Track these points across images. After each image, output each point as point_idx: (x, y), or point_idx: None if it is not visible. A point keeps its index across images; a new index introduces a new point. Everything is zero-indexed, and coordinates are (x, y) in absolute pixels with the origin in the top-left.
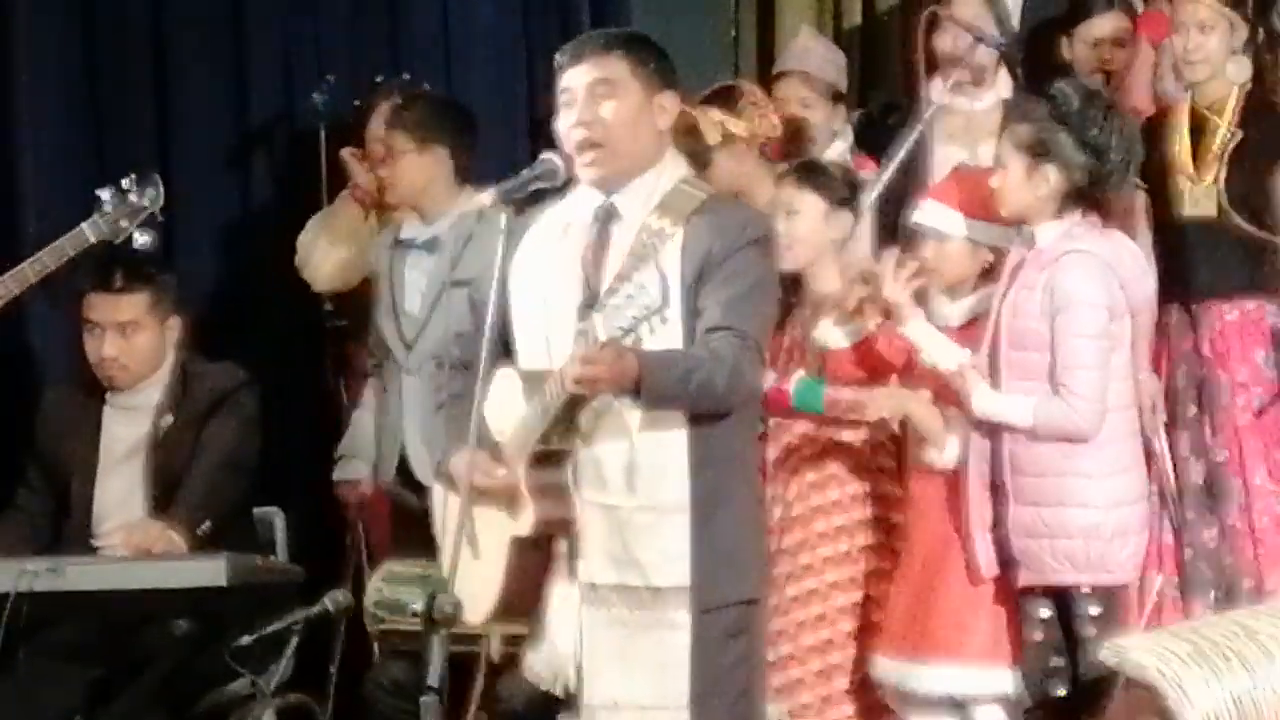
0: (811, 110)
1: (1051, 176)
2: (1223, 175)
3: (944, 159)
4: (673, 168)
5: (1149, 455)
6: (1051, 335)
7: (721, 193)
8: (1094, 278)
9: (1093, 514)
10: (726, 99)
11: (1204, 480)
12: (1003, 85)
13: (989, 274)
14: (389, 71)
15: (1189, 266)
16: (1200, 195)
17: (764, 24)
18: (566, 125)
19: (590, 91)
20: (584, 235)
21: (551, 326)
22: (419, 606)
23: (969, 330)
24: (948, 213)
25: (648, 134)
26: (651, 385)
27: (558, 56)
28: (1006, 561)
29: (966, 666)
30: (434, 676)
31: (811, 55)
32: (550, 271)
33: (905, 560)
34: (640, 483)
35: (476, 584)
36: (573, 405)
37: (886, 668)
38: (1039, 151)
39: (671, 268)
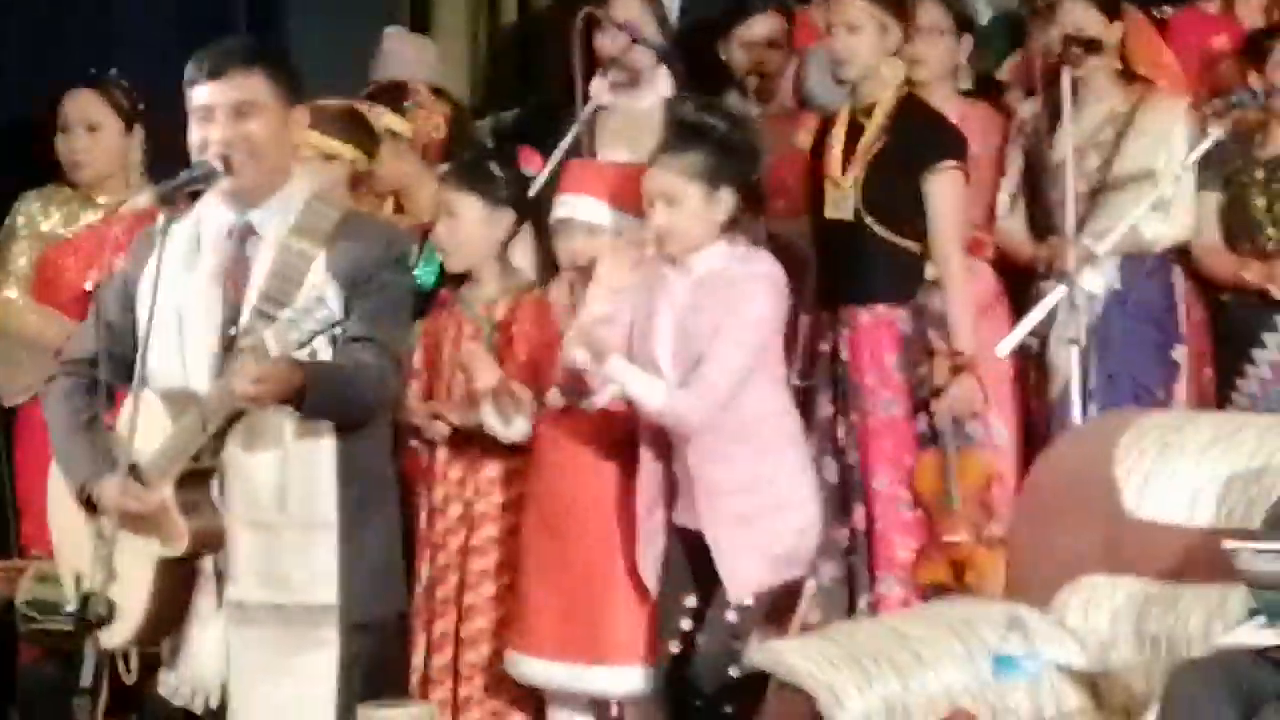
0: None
1: (728, 200)
2: (864, 178)
3: (607, 159)
4: (304, 183)
5: None
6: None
7: (354, 209)
8: (771, 302)
9: (797, 514)
10: (393, 97)
11: (837, 481)
12: (663, 85)
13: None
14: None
15: (832, 269)
16: (842, 198)
17: (420, 25)
18: (204, 140)
19: (234, 110)
20: (215, 254)
21: (186, 346)
22: (72, 607)
23: None
24: (597, 205)
25: (283, 151)
26: (315, 397)
27: (190, 70)
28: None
29: (622, 667)
30: (86, 678)
31: (402, 59)
32: (182, 291)
33: (548, 553)
34: (290, 499)
35: (125, 603)
36: (227, 422)
37: (536, 668)
38: (714, 178)
39: (321, 285)
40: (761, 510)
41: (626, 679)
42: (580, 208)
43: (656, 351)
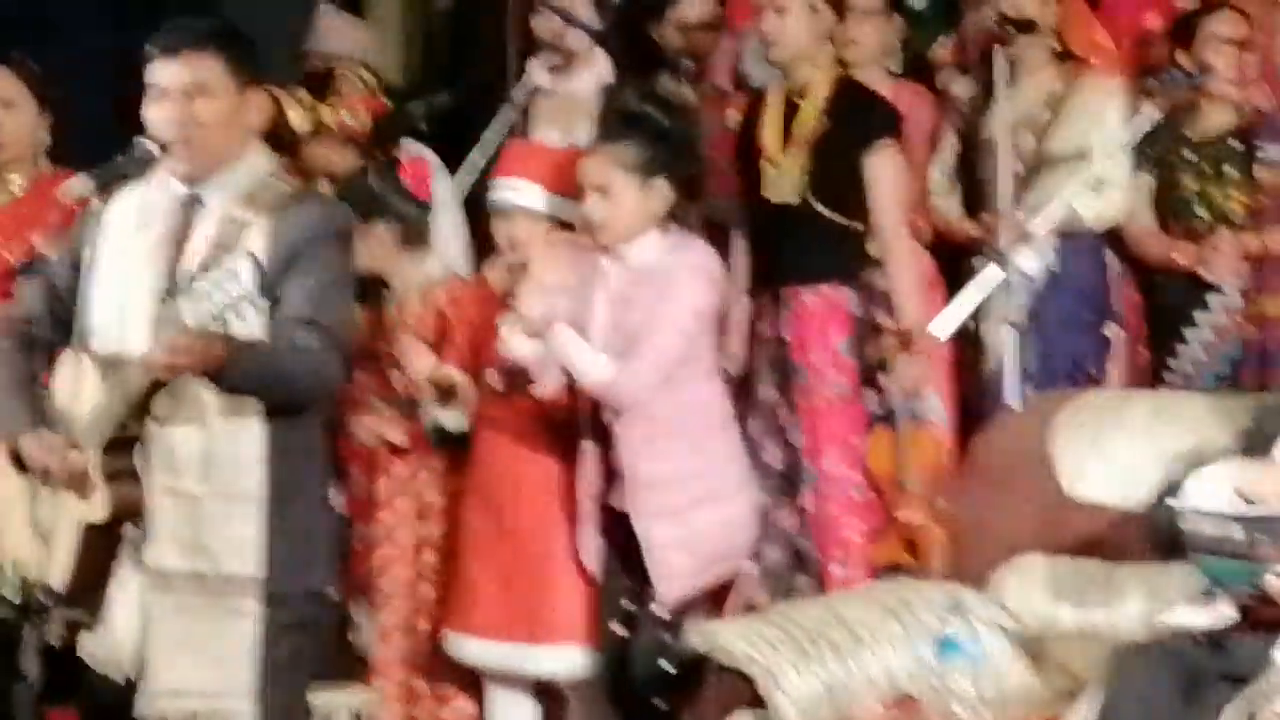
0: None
1: (663, 191)
2: (807, 159)
3: (541, 141)
4: (258, 161)
5: None
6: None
7: (306, 187)
8: (705, 292)
9: (729, 507)
10: (322, 83)
11: (781, 464)
12: (599, 68)
13: None
14: None
15: (773, 251)
16: (784, 180)
17: (353, 5)
18: (156, 118)
19: (184, 91)
20: (163, 222)
21: (127, 311)
22: (9, 593)
23: None
24: (535, 189)
25: (234, 132)
26: (233, 373)
27: (149, 46)
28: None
29: (563, 648)
30: (28, 666)
31: (335, 35)
32: (127, 256)
33: (490, 535)
34: (214, 471)
35: (43, 567)
36: (153, 390)
37: (482, 651)
38: (649, 170)
39: (258, 255)
40: (691, 504)
41: (567, 659)
42: (519, 192)
43: (592, 340)
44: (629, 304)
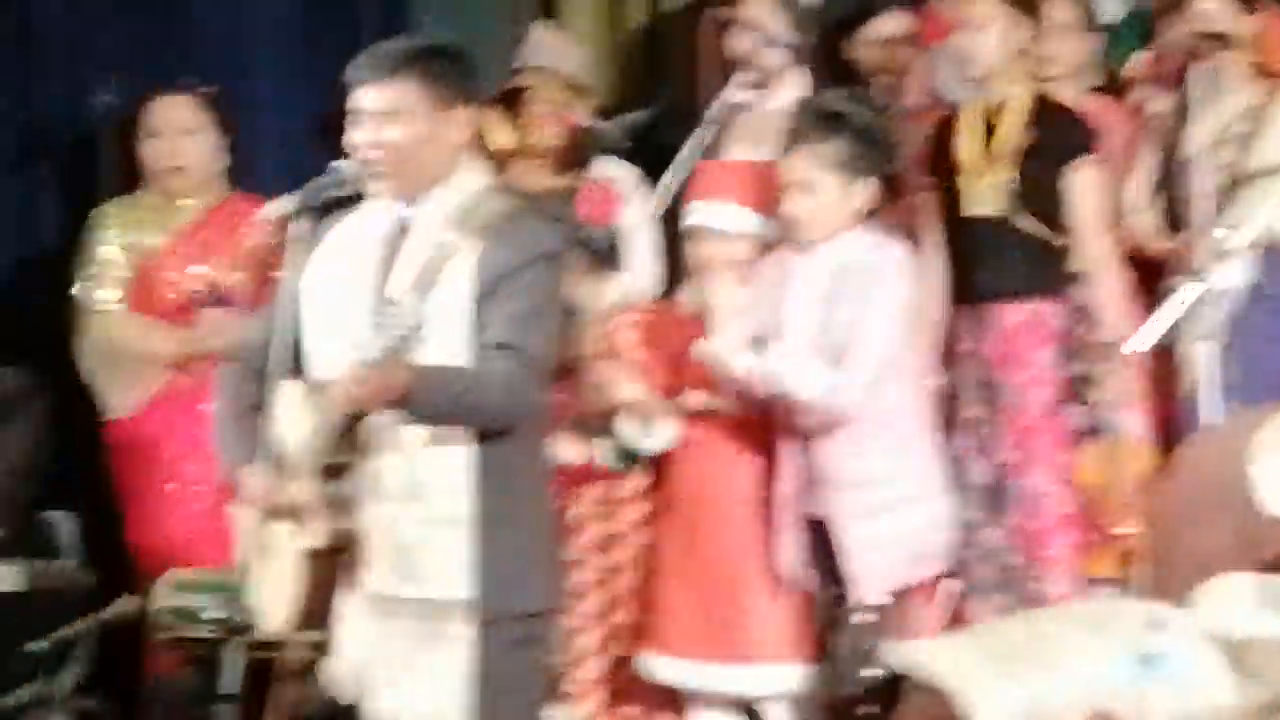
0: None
1: (866, 190)
2: (1009, 175)
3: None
4: (471, 178)
5: None
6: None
7: (521, 204)
8: (909, 288)
9: (928, 508)
10: (514, 101)
11: (987, 482)
12: (795, 85)
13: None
14: (174, 72)
15: (974, 267)
16: (986, 195)
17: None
18: (356, 142)
19: (377, 116)
20: (375, 245)
21: (338, 336)
22: (213, 614)
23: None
24: (727, 209)
25: (438, 152)
26: (420, 403)
27: (350, 70)
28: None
29: (767, 666)
30: (229, 684)
31: (547, 50)
32: (342, 283)
33: (685, 555)
34: (420, 497)
35: (272, 593)
36: (353, 419)
37: (678, 671)
38: (852, 169)
39: (460, 283)
40: (890, 504)
41: (766, 677)
42: (711, 213)
43: (790, 343)
44: (833, 302)
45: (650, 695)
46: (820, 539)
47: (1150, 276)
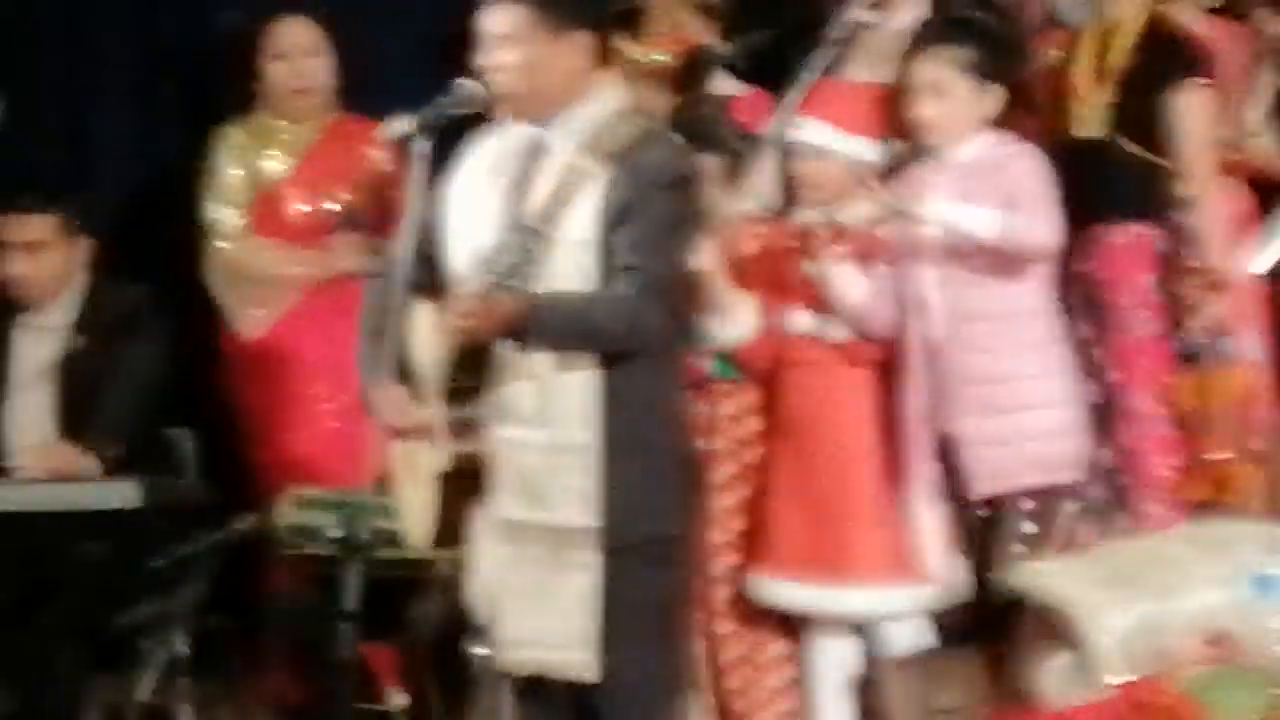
0: (686, 28)
1: (996, 96)
2: (1113, 97)
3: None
4: (604, 101)
5: None
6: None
7: (652, 129)
8: (1046, 174)
9: (1056, 413)
10: (629, 19)
11: (1097, 401)
12: (918, 7)
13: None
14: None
15: (1080, 188)
16: (1092, 117)
17: None
18: (480, 63)
19: (494, 40)
20: (513, 166)
21: (476, 258)
22: (335, 532)
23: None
24: (826, 129)
25: (554, 77)
26: (538, 330)
27: None
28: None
29: (884, 588)
30: (349, 602)
31: None
32: (480, 201)
33: (801, 478)
34: (548, 422)
35: (411, 509)
36: (479, 345)
37: (789, 593)
38: (984, 73)
39: (589, 209)
40: (1012, 405)
41: (877, 598)
42: (808, 131)
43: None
44: (968, 199)
45: (766, 615)
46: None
47: (1272, 200)
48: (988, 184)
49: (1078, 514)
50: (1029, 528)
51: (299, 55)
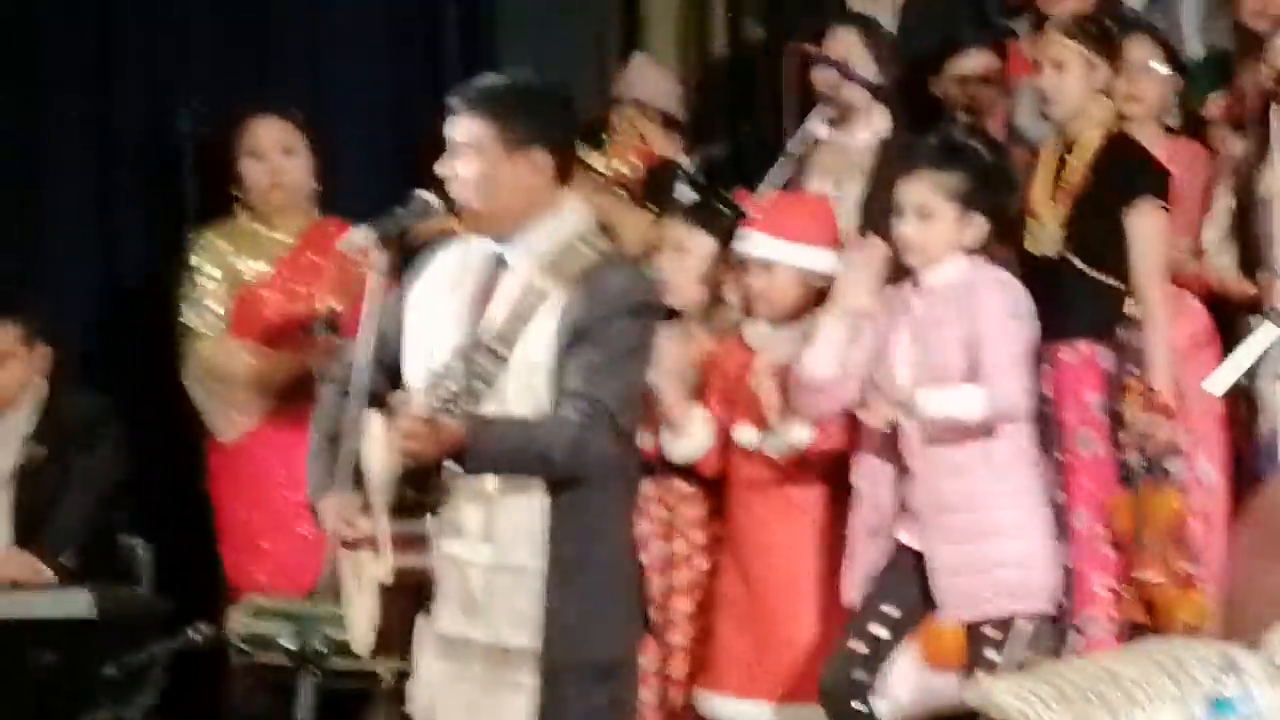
0: (650, 141)
1: (979, 226)
2: (1067, 215)
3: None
4: (566, 220)
5: None
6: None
7: (612, 253)
8: (1016, 304)
9: (1024, 543)
10: (593, 133)
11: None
12: (878, 123)
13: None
14: (255, 96)
15: (1037, 306)
16: (1045, 234)
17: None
18: (441, 172)
19: (453, 150)
20: (474, 281)
21: (430, 373)
22: (288, 642)
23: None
24: (775, 242)
25: (514, 194)
26: (479, 454)
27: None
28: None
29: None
30: (303, 711)
31: (645, 82)
32: (438, 315)
33: (742, 593)
34: (494, 541)
35: (356, 619)
36: (419, 463)
37: (731, 709)
38: (971, 202)
39: (546, 331)
40: (983, 532)
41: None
42: (754, 243)
43: (896, 371)
44: (937, 325)
45: None
46: (910, 564)
47: (1228, 318)
48: (958, 308)
49: (1031, 633)
50: (991, 654)
51: (276, 153)
